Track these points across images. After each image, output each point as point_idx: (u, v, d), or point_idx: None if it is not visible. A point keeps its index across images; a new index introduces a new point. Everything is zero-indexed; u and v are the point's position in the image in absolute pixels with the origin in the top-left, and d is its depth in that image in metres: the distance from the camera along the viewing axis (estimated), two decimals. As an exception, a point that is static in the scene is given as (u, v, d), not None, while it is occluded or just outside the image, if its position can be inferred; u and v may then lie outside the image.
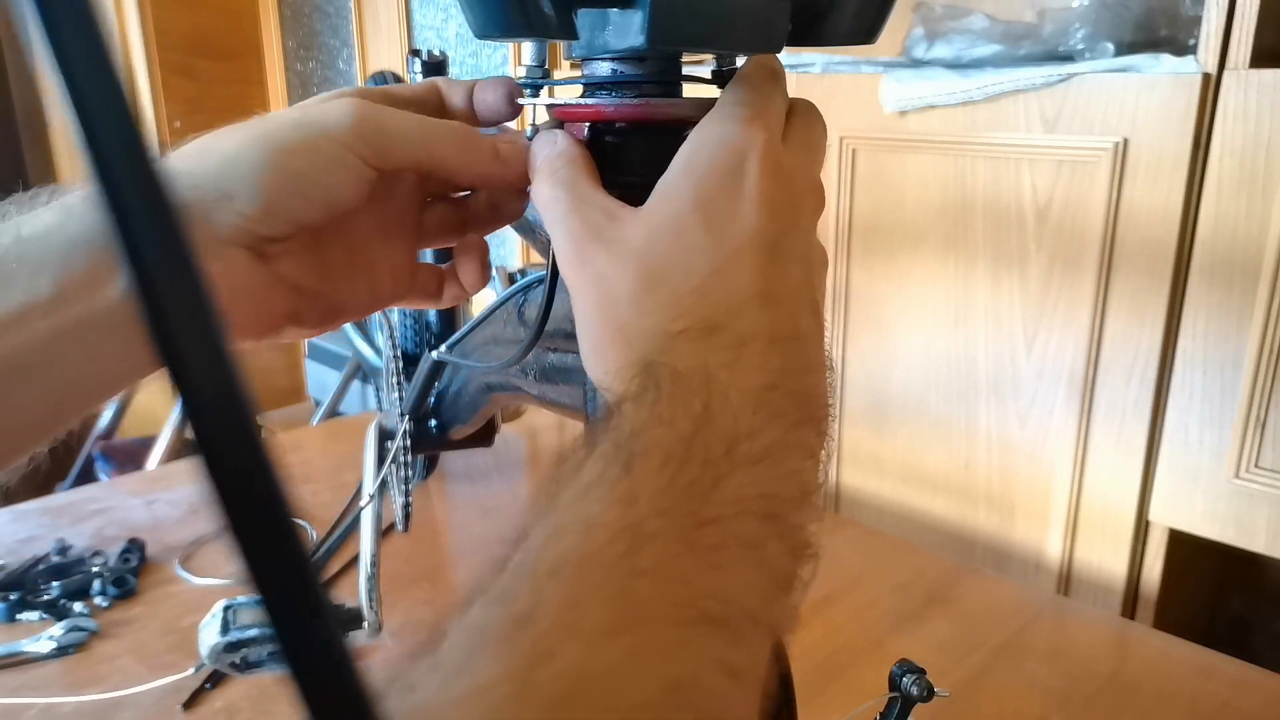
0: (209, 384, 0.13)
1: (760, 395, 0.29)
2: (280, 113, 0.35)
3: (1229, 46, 0.78)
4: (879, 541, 0.97)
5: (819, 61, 1.09)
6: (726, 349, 0.30)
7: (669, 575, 0.25)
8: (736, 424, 0.28)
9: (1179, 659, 0.77)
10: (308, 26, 2.12)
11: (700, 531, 0.26)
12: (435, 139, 0.36)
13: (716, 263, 0.31)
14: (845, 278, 1.09)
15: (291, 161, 0.34)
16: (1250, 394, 0.81)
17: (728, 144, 0.33)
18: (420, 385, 0.74)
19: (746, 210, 0.32)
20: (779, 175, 0.33)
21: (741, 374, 0.29)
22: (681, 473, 0.26)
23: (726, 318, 0.30)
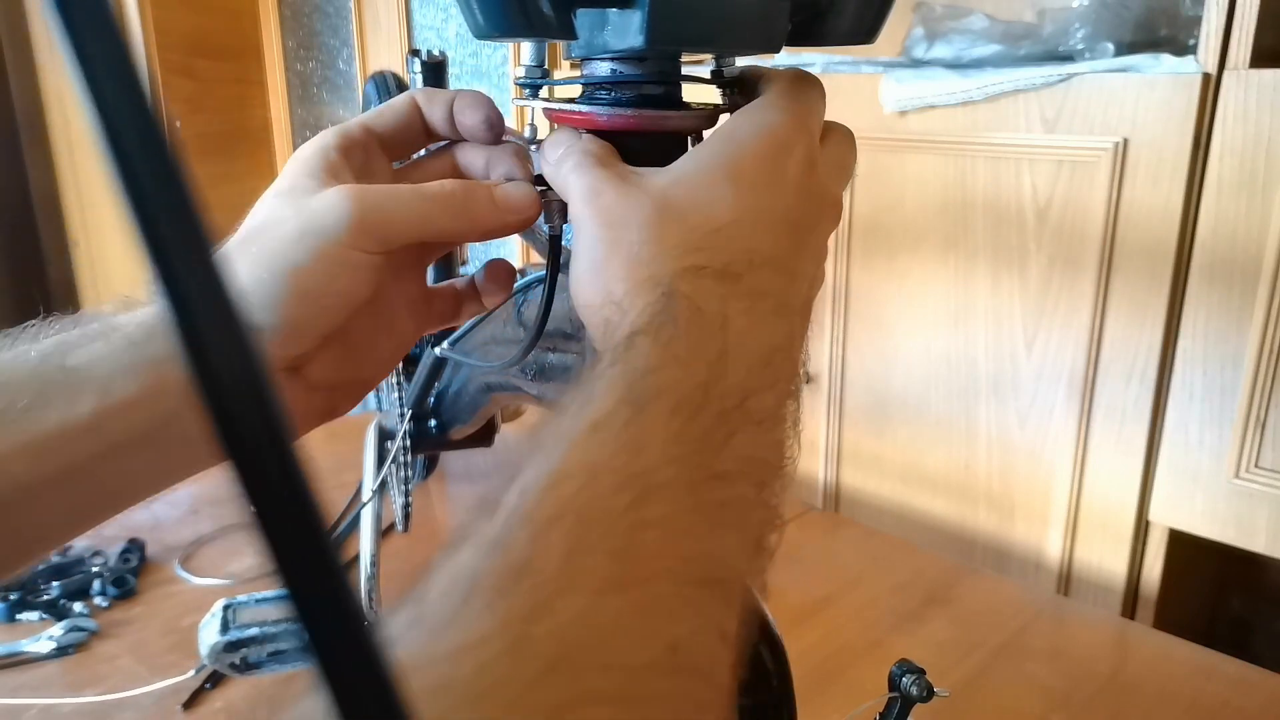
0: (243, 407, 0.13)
1: (766, 354, 0.29)
2: (277, 218, 0.35)
3: (1229, 46, 0.78)
4: (879, 541, 0.97)
5: (819, 61, 1.08)
6: (743, 297, 0.29)
7: (676, 530, 0.24)
8: (748, 378, 0.27)
9: (1179, 659, 0.77)
10: (308, 26, 2.12)
11: (709, 486, 0.25)
12: (434, 212, 0.35)
13: (741, 217, 0.31)
14: (845, 278, 1.09)
15: (305, 282, 0.34)
16: (1250, 394, 0.81)
17: (772, 131, 0.33)
18: (422, 382, 0.74)
19: (776, 189, 0.32)
20: (813, 175, 0.33)
21: (755, 326, 0.29)
22: (695, 421, 0.25)
23: (744, 268, 0.30)
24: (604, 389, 0.26)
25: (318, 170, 0.36)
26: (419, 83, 0.76)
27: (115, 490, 0.34)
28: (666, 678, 0.21)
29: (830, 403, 1.14)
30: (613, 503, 0.23)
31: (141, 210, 0.12)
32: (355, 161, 0.38)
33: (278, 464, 0.13)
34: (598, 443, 0.24)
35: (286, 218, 0.35)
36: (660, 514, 0.23)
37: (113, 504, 0.34)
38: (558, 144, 0.35)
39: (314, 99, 2.16)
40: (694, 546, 0.24)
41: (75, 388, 0.31)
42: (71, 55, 0.12)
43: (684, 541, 0.24)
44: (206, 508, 1.01)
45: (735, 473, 0.26)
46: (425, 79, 0.76)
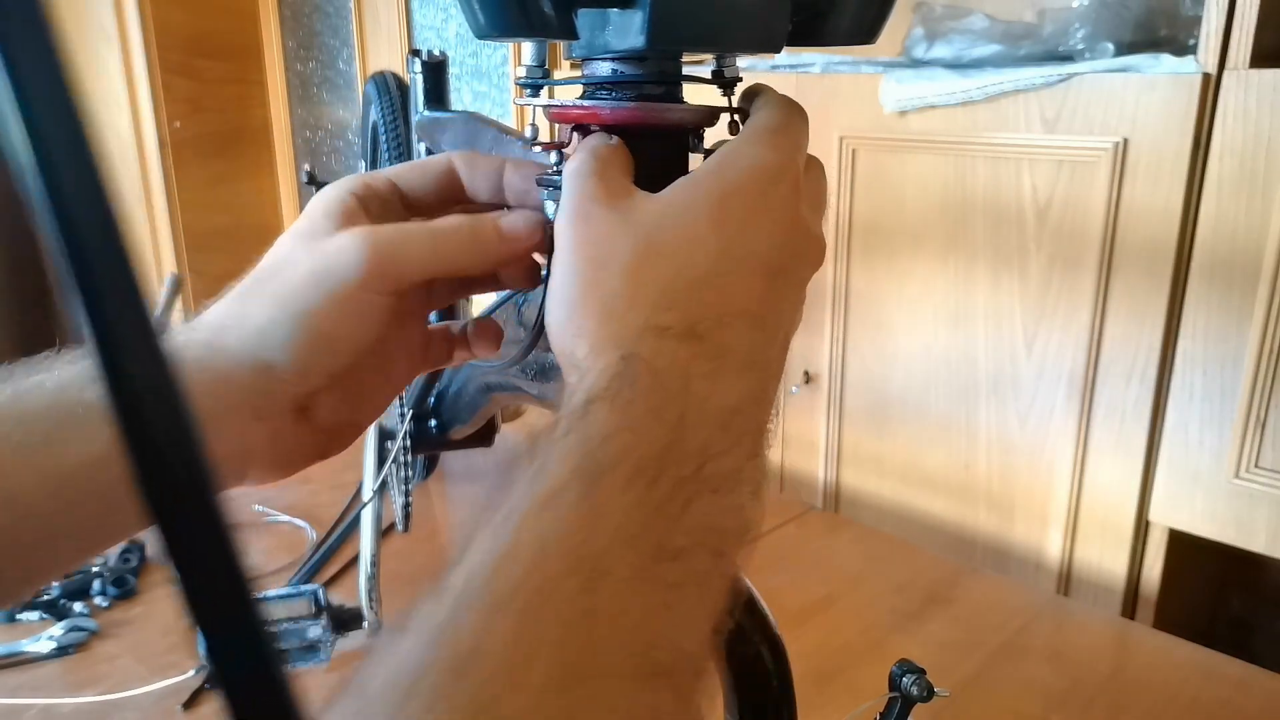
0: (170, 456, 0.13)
1: (729, 417, 0.28)
2: (291, 260, 0.35)
3: (1229, 46, 0.78)
4: (879, 541, 0.97)
5: (819, 61, 1.08)
6: (707, 359, 0.29)
7: (625, 618, 0.23)
8: (708, 443, 0.27)
9: (1179, 659, 0.77)
10: (308, 26, 2.12)
11: (660, 566, 0.24)
12: (444, 249, 0.36)
13: (720, 267, 0.31)
14: (845, 278, 1.09)
15: (318, 324, 0.34)
16: (1250, 394, 0.81)
17: (761, 165, 0.32)
18: (423, 381, 0.74)
19: (761, 232, 0.31)
20: (796, 217, 0.33)
21: (717, 390, 0.28)
22: (651, 491, 0.25)
23: (713, 326, 0.29)
24: (557, 460, 0.25)
25: (335, 214, 0.37)
26: (419, 83, 0.76)
27: (127, 519, 0.34)
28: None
29: (830, 403, 1.14)
30: (562, 587, 0.22)
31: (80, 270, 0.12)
32: (373, 213, 0.38)
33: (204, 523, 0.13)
34: (547, 522, 0.24)
35: (300, 260, 0.35)
36: (610, 601, 0.23)
37: (125, 531, 0.35)
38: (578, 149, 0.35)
39: (314, 99, 2.16)
40: (642, 636, 0.23)
41: (93, 422, 0.32)
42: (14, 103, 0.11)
43: (634, 632, 0.23)
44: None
45: (691, 546, 0.25)
46: (425, 79, 0.76)
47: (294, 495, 1.03)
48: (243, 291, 0.36)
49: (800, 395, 1.17)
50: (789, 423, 1.20)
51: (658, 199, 0.32)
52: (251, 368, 0.34)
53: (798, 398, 1.17)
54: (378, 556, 0.73)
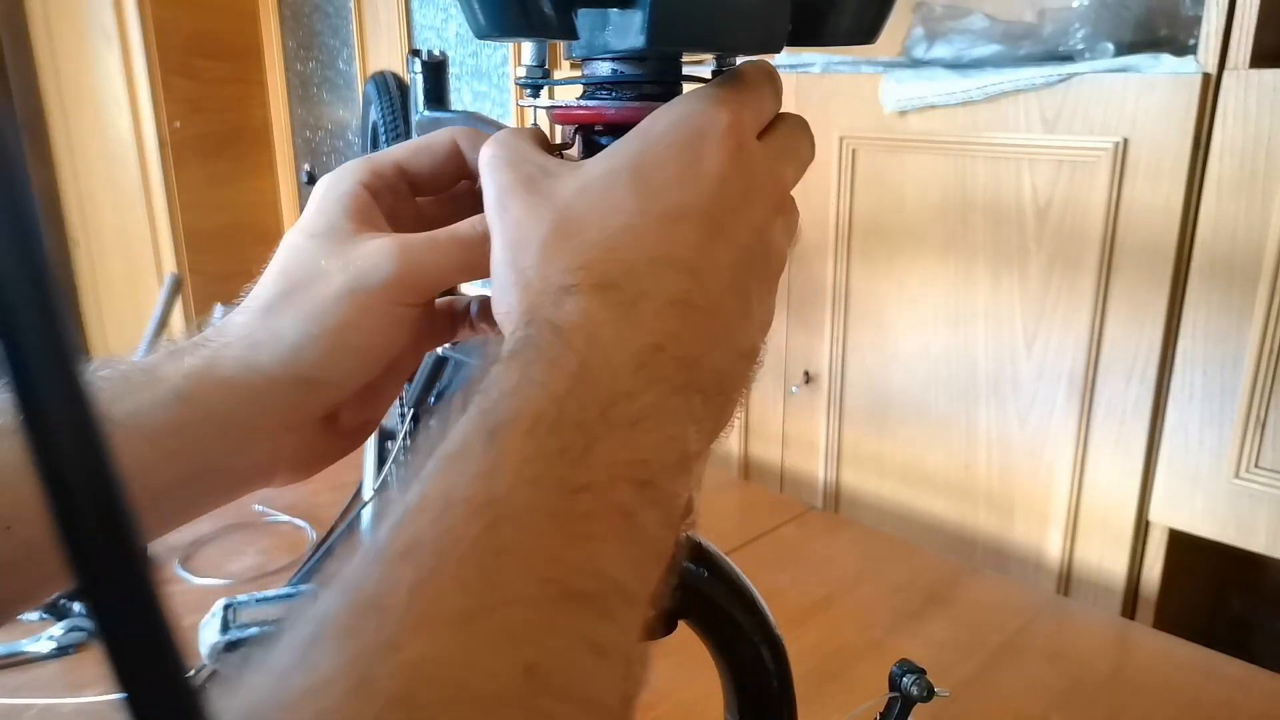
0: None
1: (642, 355, 0.28)
2: (320, 272, 0.35)
3: (1229, 46, 0.78)
4: (879, 541, 0.97)
5: (819, 61, 1.08)
6: (616, 306, 0.28)
7: (533, 551, 0.23)
8: (615, 384, 0.27)
9: (1179, 659, 0.77)
10: (308, 26, 2.12)
11: (570, 500, 0.24)
12: (472, 258, 0.36)
13: (635, 221, 0.30)
14: (845, 278, 1.09)
15: (352, 338, 0.35)
16: (1250, 394, 0.81)
17: (686, 118, 0.32)
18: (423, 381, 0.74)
19: (687, 180, 0.31)
20: (738, 159, 0.32)
21: (626, 332, 0.28)
22: (552, 436, 0.25)
23: (625, 276, 0.29)
24: (463, 423, 0.26)
25: (352, 211, 0.37)
26: (419, 83, 0.76)
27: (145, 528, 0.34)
28: (522, 704, 0.21)
29: (830, 403, 1.14)
30: (464, 532, 0.22)
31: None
32: (385, 203, 0.38)
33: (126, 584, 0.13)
34: (450, 475, 0.24)
35: (331, 272, 0.35)
36: (514, 538, 0.23)
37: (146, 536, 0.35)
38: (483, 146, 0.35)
39: (314, 99, 2.16)
40: (553, 566, 0.23)
41: (120, 440, 0.32)
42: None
43: (541, 562, 0.23)
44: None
45: (603, 480, 0.25)
46: (425, 79, 0.76)
47: (294, 495, 1.03)
48: (270, 305, 0.36)
49: (800, 395, 1.17)
50: (789, 423, 1.20)
51: (576, 171, 0.32)
52: (288, 386, 0.35)
53: (798, 398, 1.17)
54: (378, 556, 0.73)
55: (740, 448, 1.27)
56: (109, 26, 2.13)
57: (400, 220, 0.39)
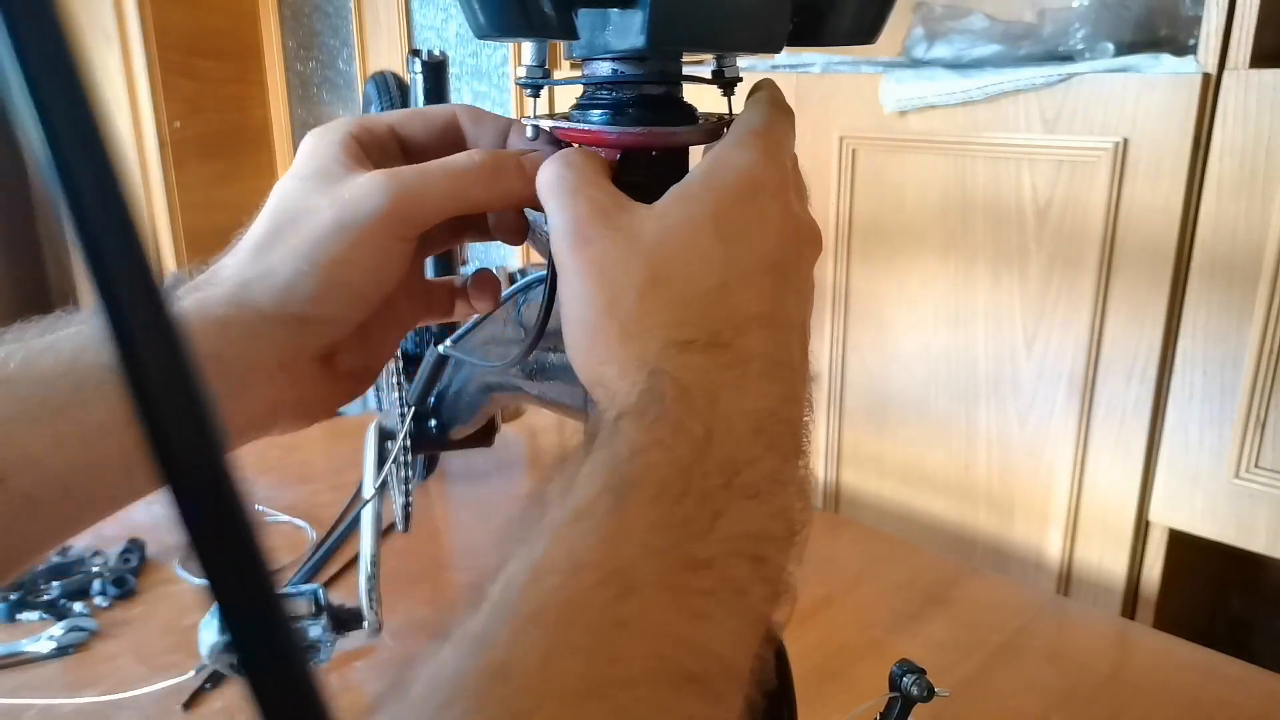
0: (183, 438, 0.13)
1: (761, 421, 0.28)
2: (310, 208, 0.35)
3: (1229, 46, 0.78)
4: (879, 541, 0.97)
5: (819, 61, 1.08)
6: (731, 367, 0.29)
7: (653, 627, 0.23)
8: (737, 452, 0.27)
9: (1179, 659, 0.77)
10: (308, 26, 2.12)
11: (690, 576, 0.24)
12: (465, 186, 0.35)
13: (726, 276, 0.31)
14: (845, 278, 1.09)
15: (345, 273, 0.34)
16: (1250, 394, 0.81)
17: (748, 170, 0.33)
18: (424, 380, 0.74)
19: (760, 234, 0.32)
20: (789, 211, 0.33)
21: (745, 397, 0.28)
22: (678, 506, 0.25)
23: (732, 334, 0.29)
24: (587, 476, 0.26)
25: (342, 155, 0.36)
26: (419, 83, 0.76)
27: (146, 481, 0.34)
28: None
29: (830, 403, 1.14)
30: (592, 599, 0.23)
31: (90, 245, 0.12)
32: (371, 156, 0.38)
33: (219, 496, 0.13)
34: (579, 534, 0.24)
35: (321, 207, 0.35)
36: (637, 611, 0.23)
37: (143, 492, 0.34)
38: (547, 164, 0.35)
39: (314, 99, 2.16)
40: (671, 643, 0.23)
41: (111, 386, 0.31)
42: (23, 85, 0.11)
43: (660, 639, 0.23)
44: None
45: (722, 555, 0.25)
46: (425, 79, 0.76)
47: (294, 495, 1.03)
48: (261, 244, 0.35)
49: (800, 395, 1.17)
50: (789, 423, 1.20)
51: (655, 214, 0.32)
52: (282, 323, 0.34)
53: (798, 398, 1.17)
54: (378, 556, 0.73)
55: (740, 448, 1.26)
56: (109, 26, 2.13)
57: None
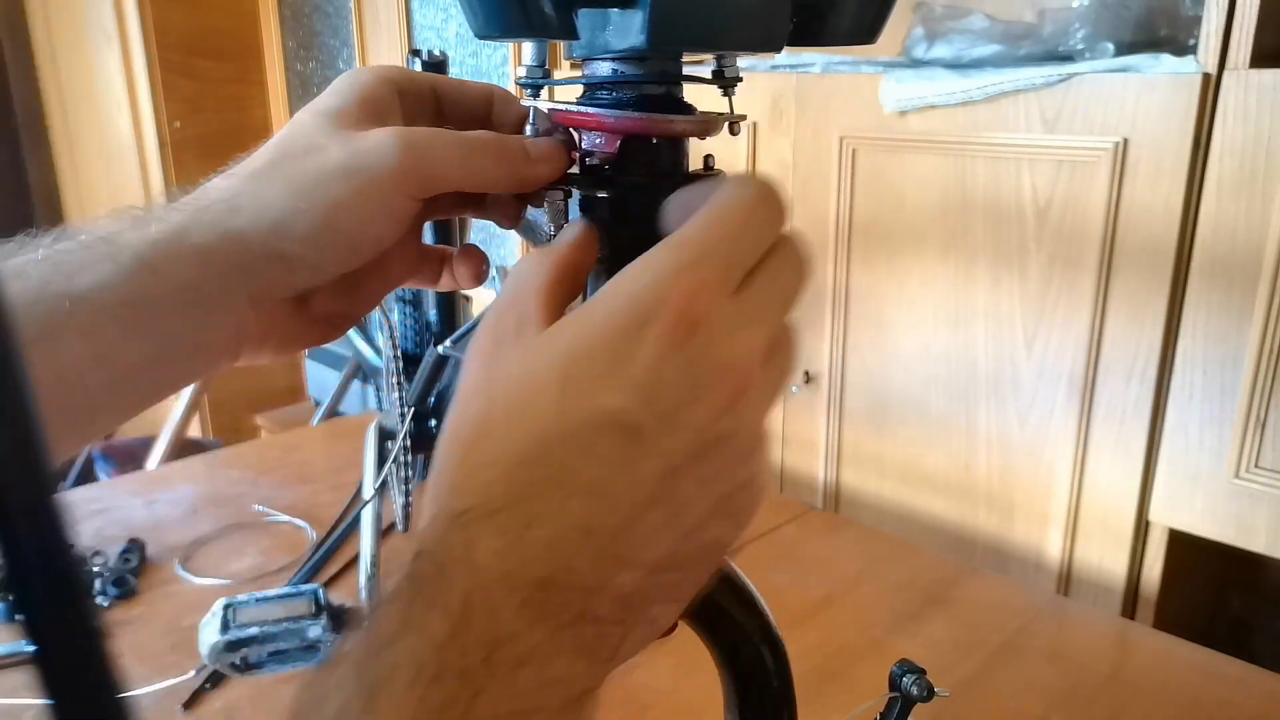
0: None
1: (528, 591, 0.25)
2: (319, 145, 0.34)
3: (1229, 46, 0.78)
4: (879, 541, 0.97)
5: (819, 61, 1.09)
6: (503, 533, 0.26)
7: None
8: (497, 625, 0.25)
9: (1179, 659, 0.77)
10: (308, 26, 2.12)
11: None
12: (476, 159, 0.35)
13: (550, 430, 0.27)
14: (845, 278, 1.09)
15: (343, 219, 0.33)
16: (1250, 394, 0.81)
17: (635, 296, 0.27)
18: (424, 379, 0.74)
19: (617, 382, 0.27)
20: (685, 350, 0.27)
21: (513, 563, 0.25)
22: (433, 690, 0.23)
23: (520, 498, 0.26)
24: (340, 677, 0.24)
25: (369, 101, 0.35)
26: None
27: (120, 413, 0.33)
28: None
29: (830, 403, 1.14)
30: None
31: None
32: (408, 108, 0.37)
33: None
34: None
35: (330, 148, 0.33)
36: None
37: (116, 422, 0.34)
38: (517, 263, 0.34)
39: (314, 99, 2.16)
40: None
41: (85, 317, 0.30)
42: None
43: None
44: (206, 508, 1.01)
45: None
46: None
47: (294, 495, 1.03)
48: (259, 171, 0.34)
49: (800, 395, 1.17)
50: (789, 423, 1.20)
51: (527, 345, 0.29)
52: (263, 256, 0.33)
53: (798, 398, 1.17)
54: (378, 556, 0.73)
55: (740, 448, 1.27)
56: (109, 26, 2.13)
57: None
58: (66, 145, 2.48)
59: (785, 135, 1.11)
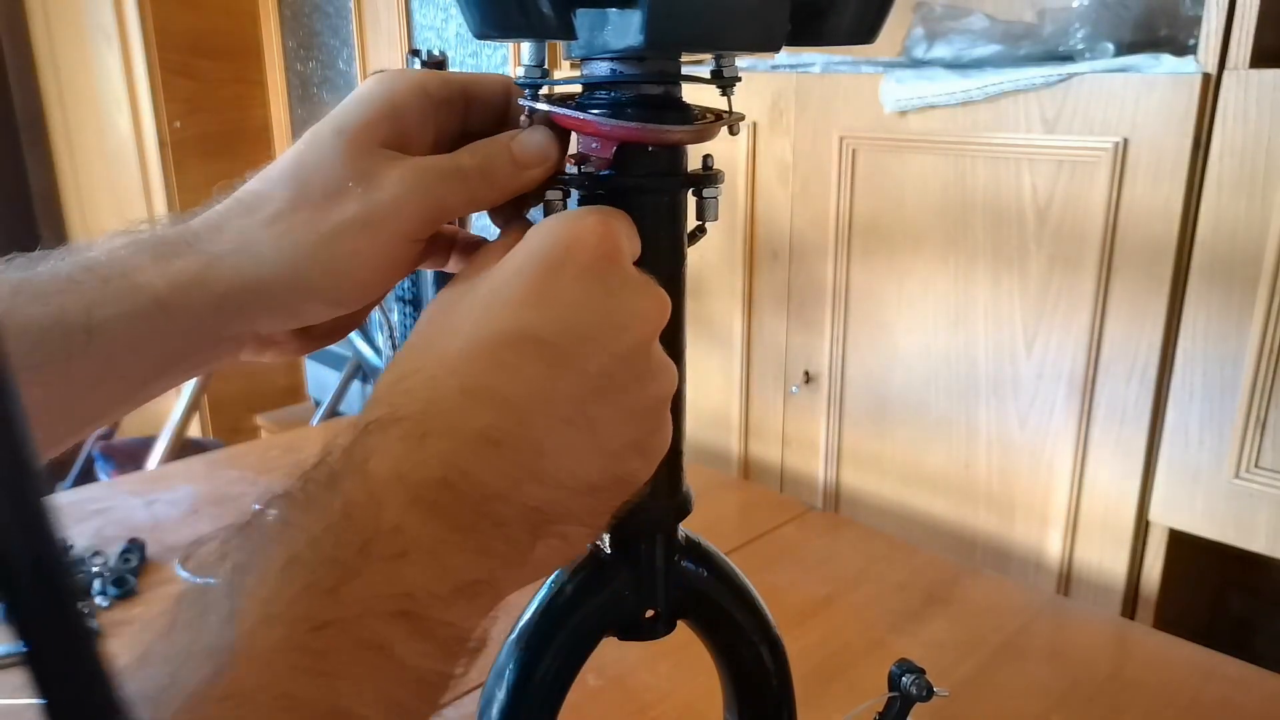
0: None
1: (420, 490, 0.26)
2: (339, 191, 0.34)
3: (1229, 46, 0.78)
4: (879, 541, 0.97)
5: (819, 61, 1.09)
6: (404, 439, 0.27)
7: (266, 692, 0.23)
8: (378, 520, 0.26)
9: (1179, 659, 0.77)
10: (308, 26, 2.12)
11: (311, 636, 0.24)
12: (477, 192, 0.35)
13: (465, 346, 0.29)
14: (845, 278, 1.09)
15: (359, 267, 0.34)
16: (1250, 394, 0.81)
17: (556, 231, 0.31)
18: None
19: (538, 303, 0.29)
20: (605, 278, 0.30)
21: (407, 466, 0.27)
22: (299, 571, 0.24)
23: (426, 408, 0.28)
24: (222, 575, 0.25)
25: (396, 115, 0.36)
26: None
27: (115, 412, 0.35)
28: None
29: (830, 403, 1.14)
30: (198, 682, 0.23)
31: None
32: (440, 112, 0.37)
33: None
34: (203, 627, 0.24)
35: (349, 197, 0.34)
36: (248, 681, 0.23)
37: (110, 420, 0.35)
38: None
39: (314, 99, 2.16)
40: (286, 708, 0.23)
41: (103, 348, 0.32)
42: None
43: (273, 703, 0.23)
44: (206, 508, 1.01)
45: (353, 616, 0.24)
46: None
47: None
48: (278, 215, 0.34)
49: (800, 395, 1.17)
50: (789, 423, 1.20)
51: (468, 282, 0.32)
52: (280, 303, 0.34)
53: (798, 398, 1.17)
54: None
55: (740, 448, 1.27)
56: (109, 26, 2.13)
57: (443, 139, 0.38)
58: (66, 145, 2.48)
59: (785, 135, 1.11)
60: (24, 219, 2.52)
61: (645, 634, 0.39)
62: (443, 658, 0.27)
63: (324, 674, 0.24)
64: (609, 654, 0.39)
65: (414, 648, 0.25)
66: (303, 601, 0.24)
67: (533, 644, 0.37)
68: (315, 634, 0.24)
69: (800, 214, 1.12)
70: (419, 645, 0.26)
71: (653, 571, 0.38)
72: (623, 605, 0.38)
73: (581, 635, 0.37)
